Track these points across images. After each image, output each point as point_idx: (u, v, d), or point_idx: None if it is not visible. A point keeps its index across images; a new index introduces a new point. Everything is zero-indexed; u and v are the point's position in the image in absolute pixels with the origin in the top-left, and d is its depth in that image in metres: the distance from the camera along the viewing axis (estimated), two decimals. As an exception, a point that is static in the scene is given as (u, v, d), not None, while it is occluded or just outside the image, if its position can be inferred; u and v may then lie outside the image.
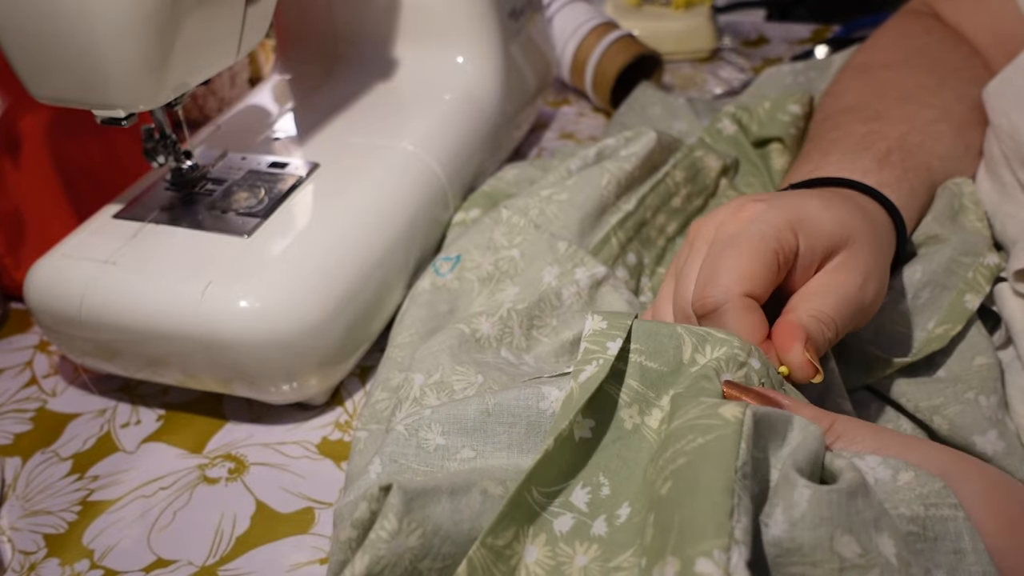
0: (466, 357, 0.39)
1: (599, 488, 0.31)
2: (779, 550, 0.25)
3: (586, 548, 0.29)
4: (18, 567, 0.39)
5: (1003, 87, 0.46)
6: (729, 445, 0.26)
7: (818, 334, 0.34)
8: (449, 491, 0.30)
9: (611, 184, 0.49)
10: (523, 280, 0.46)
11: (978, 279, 0.41)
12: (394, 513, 0.28)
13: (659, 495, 0.27)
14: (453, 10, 0.58)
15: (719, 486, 0.24)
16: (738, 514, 0.24)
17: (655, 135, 0.52)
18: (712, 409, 0.28)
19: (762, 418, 0.28)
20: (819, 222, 0.36)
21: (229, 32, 0.45)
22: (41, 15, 0.39)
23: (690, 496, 0.25)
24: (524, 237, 0.47)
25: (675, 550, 0.24)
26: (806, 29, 0.91)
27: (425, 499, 0.29)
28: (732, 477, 0.25)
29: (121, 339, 0.43)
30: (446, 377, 0.38)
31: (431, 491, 0.29)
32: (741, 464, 0.25)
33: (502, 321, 0.42)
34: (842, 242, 0.36)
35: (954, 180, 0.46)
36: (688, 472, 0.26)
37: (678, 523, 0.25)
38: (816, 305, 0.35)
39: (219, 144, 0.54)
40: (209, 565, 0.38)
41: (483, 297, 0.46)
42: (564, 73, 0.78)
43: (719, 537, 0.23)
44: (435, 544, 0.29)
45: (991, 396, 0.38)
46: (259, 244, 0.45)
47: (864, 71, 0.54)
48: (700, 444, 0.26)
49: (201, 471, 0.43)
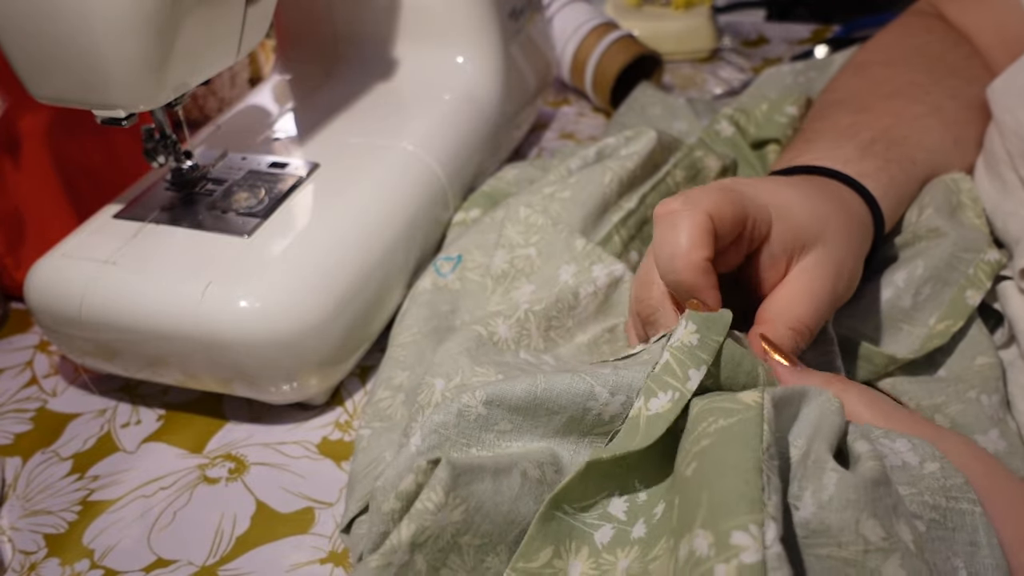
0: (485, 359, 0.39)
1: (636, 495, 0.31)
2: (807, 531, 0.26)
3: (627, 552, 0.29)
4: (18, 567, 0.39)
5: (1008, 85, 0.46)
6: (753, 428, 0.26)
7: (792, 348, 0.35)
8: (493, 470, 0.30)
9: (613, 182, 0.49)
10: (539, 278, 0.46)
11: (979, 275, 0.42)
12: (442, 486, 0.29)
13: (684, 476, 0.27)
14: (453, 10, 0.58)
15: (749, 466, 0.25)
16: (768, 492, 0.24)
17: (655, 134, 0.53)
18: (730, 394, 0.28)
19: (779, 400, 0.28)
20: (793, 213, 0.37)
21: (229, 32, 0.45)
22: (41, 15, 0.39)
23: (718, 475, 0.25)
24: (542, 236, 0.47)
25: (705, 523, 0.24)
26: (806, 29, 0.91)
27: (471, 476, 0.29)
28: (760, 457, 0.25)
29: (121, 339, 0.43)
30: (466, 380, 0.38)
31: (476, 469, 0.30)
32: (767, 446, 0.26)
33: (519, 323, 0.42)
34: (815, 237, 0.37)
35: (951, 176, 0.46)
36: (714, 452, 0.26)
37: (707, 500, 0.25)
38: (797, 314, 0.36)
39: (219, 144, 0.54)
40: (209, 565, 0.38)
41: (498, 295, 0.46)
42: (564, 73, 0.78)
43: (753, 512, 0.24)
44: (476, 521, 0.29)
45: (992, 395, 0.38)
46: (259, 244, 0.45)
47: (861, 68, 0.54)
48: (723, 426, 0.27)
49: (201, 471, 0.43)
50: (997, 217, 0.45)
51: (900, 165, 0.44)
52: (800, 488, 0.27)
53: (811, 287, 0.36)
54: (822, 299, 0.36)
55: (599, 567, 0.30)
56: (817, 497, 0.26)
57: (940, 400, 0.38)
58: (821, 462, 0.27)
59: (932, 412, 0.39)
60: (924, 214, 0.45)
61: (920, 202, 0.46)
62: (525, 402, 0.32)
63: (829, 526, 0.25)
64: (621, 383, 0.32)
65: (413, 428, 0.39)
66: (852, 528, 0.25)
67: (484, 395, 0.32)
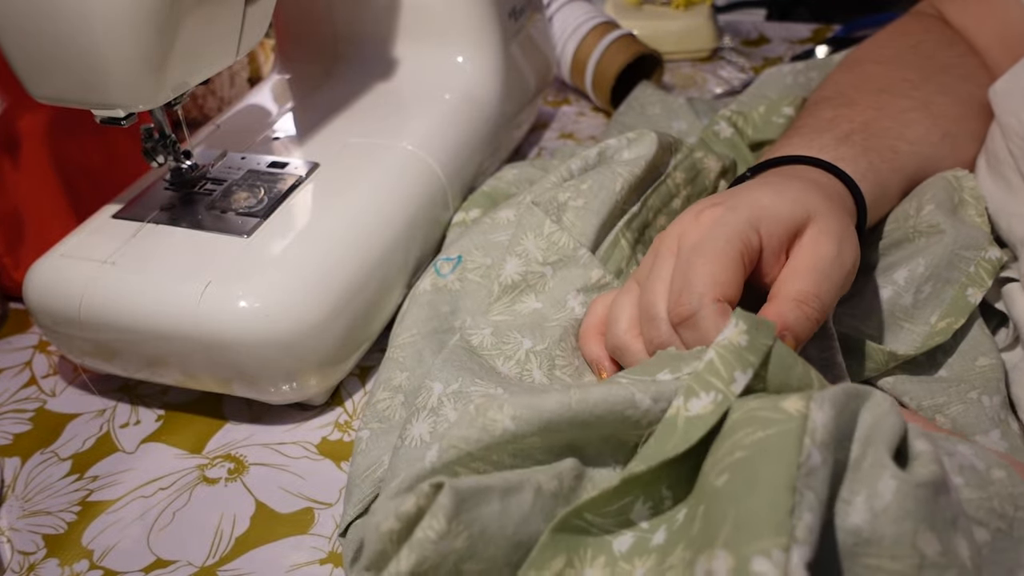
0: (485, 373, 0.39)
1: (662, 502, 0.29)
2: (857, 539, 0.25)
3: (644, 560, 0.28)
4: (17, 567, 0.39)
5: (1011, 87, 0.46)
6: (791, 441, 0.25)
7: (800, 320, 0.35)
8: (502, 491, 0.28)
9: (624, 189, 0.49)
10: (548, 299, 0.45)
11: (980, 273, 0.42)
12: (444, 514, 0.27)
13: (713, 487, 0.26)
14: (453, 10, 0.58)
15: (780, 483, 0.24)
16: (800, 511, 0.23)
17: (656, 137, 0.52)
18: (773, 402, 0.26)
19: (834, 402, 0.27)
20: (776, 211, 0.37)
21: (229, 32, 0.45)
22: (41, 15, 0.38)
23: (748, 491, 0.24)
24: (561, 257, 0.46)
25: (727, 544, 0.23)
26: (806, 29, 0.91)
27: (476, 500, 0.28)
28: (794, 474, 0.24)
29: (120, 339, 0.43)
30: (465, 387, 0.38)
31: (483, 491, 0.28)
32: (805, 459, 0.24)
33: (519, 364, 0.41)
34: (804, 220, 0.37)
35: (953, 172, 0.46)
36: (746, 467, 0.25)
37: (733, 517, 0.24)
38: (798, 286, 0.35)
39: (219, 144, 0.54)
40: (209, 565, 0.38)
41: (502, 304, 0.45)
42: (564, 73, 0.78)
43: (779, 536, 0.22)
44: (479, 547, 0.28)
45: (994, 396, 0.38)
46: (259, 244, 0.45)
47: (853, 66, 0.54)
48: (760, 438, 0.25)
49: (201, 471, 0.43)
50: (1002, 218, 0.45)
51: (880, 154, 0.44)
52: (852, 492, 0.25)
53: (813, 257, 0.36)
54: (828, 268, 0.36)
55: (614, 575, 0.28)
56: (871, 504, 0.25)
57: (941, 400, 0.38)
58: (879, 465, 0.25)
59: (933, 412, 0.39)
60: (924, 210, 0.44)
61: (920, 197, 0.45)
62: (558, 415, 0.30)
63: (883, 536, 0.24)
64: (664, 390, 0.30)
65: (408, 431, 0.39)
66: (908, 541, 0.24)
67: (512, 410, 0.30)
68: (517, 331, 0.43)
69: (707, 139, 0.59)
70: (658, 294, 0.37)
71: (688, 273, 0.35)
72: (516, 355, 0.41)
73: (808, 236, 0.37)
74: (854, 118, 0.46)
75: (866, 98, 0.48)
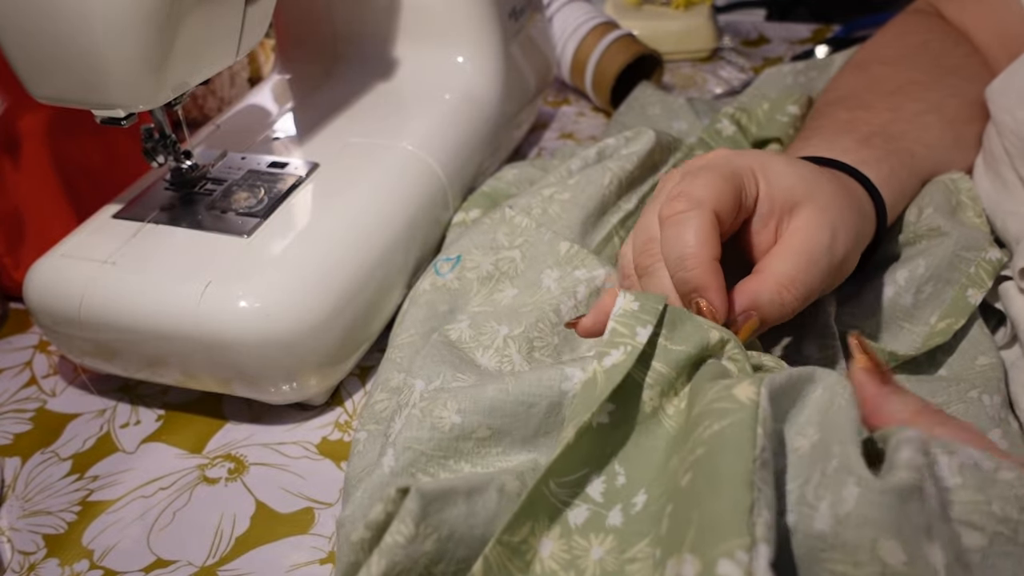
0: (466, 367, 0.39)
1: (615, 477, 0.30)
2: (823, 544, 0.25)
3: (601, 540, 0.29)
4: (18, 567, 0.39)
5: (1006, 85, 0.46)
6: (745, 432, 0.25)
7: (774, 303, 0.35)
8: (466, 492, 0.29)
9: (613, 183, 0.49)
10: (522, 282, 0.46)
11: (980, 274, 0.42)
12: (411, 518, 0.28)
13: (679, 486, 0.26)
14: (453, 10, 0.58)
15: (739, 480, 0.24)
16: (759, 508, 0.23)
17: (654, 134, 0.52)
18: (727, 391, 0.27)
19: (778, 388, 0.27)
20: (781, 176, 0.37)
21: (229, 32, 0.45)
22: (41, 15, 0.38)
23: (710, 491, 0.24)
24: (526, 238, 0.47)
25: (694, 548, 0.23)
26: (806, 29, 0.90)
27: (442, 502, 0.28)
28: (751, 468, 0.24)
29: (120, 339, 0.43)
30: (447, 384, 0.38)
31: (448, 493, 0.29)
32: (759, 451, 0.25)
33: (498, 352, 0.41)
34: (803, 197, 0.37)
35: (950, 176, 0.46)
36: (707, 464, 0.25)
37: (697, 520, 0.24)
38: (783, 268, 0.36)
39: (219, 144, 0.54)
40: (209, 565, 0.38)
41: (481, 297, 0.46)
42: (564, 73, 0.78)
43: (740, 536, 0.23)
44: (449, 548, 0.29)
45: (994, 395, 0.38)
46: (259, 244, 0.45)
47: (861, 67, 0.54)
48: (716, 431, 0.26)
49: (201, 471, 0.43)
50: (997, 216, 0.45)
51: (899, 158, 0.44)
52: (817, 497, 0.25)
53: (800, 244, 0.36)
54: (812, 255, 0.36)
55: (570, 550, 0.29)
56: (835, 510, 0.25)
57: (941, 400, 0.38)
58: (846, 469, 0.25)
59: (933, 412, 0.39)
60: (924, 214, 0.45)
61: (919, 202, 0.46)
62: (499, 400, 0.32)
63: (845, 542, 0.24)
64: (590, 362, 0.32)
65: (393, 429, 0.39)
66: (868, 548, 0.24)
67: (456, 404, 0.32)
68: (494, 320, 0.43)
69: (708, 137, 0.58)
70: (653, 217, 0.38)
71: (688, 183, 0.36)
72: (495, 343, 0.42)
73: (803, 218, 0.37)
74: (871, 121, 0.46)
75: (879, 100, 0.48)
